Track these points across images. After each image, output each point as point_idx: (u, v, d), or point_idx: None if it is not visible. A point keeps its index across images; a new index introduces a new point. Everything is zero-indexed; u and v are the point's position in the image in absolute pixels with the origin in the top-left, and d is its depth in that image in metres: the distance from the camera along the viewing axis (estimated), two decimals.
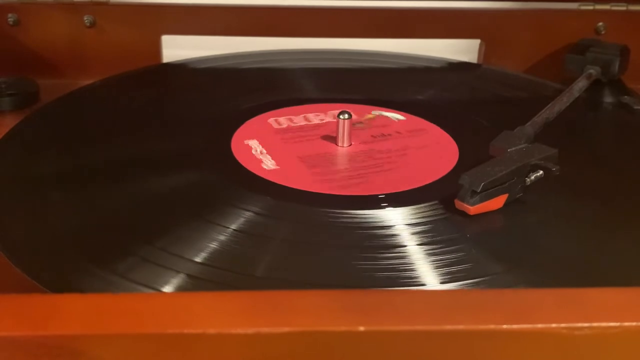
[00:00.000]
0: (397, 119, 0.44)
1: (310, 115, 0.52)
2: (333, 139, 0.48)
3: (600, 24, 0.63)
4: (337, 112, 0.48)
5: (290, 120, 0.51)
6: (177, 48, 0.63)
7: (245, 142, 0.48)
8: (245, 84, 0.58)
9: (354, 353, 0.27)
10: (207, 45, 0.64)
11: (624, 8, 0.63)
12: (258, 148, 0.47)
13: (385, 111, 0.48)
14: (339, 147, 0.47)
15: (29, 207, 0.41)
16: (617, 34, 0.62)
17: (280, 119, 0.51)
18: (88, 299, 0.29)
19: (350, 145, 0.48)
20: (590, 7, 0.63)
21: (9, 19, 0.61)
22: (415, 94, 0.57)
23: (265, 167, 0.44)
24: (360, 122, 0.46)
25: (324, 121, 0.51)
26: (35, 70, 0.60)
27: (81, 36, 0.61)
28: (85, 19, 0.61)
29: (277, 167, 0.45)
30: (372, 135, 0.49)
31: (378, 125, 0.51)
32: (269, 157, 0.46)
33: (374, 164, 0.45)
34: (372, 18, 0.64)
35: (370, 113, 0.46)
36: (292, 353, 0.27)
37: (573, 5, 0.64)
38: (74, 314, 0.27)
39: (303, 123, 0.51)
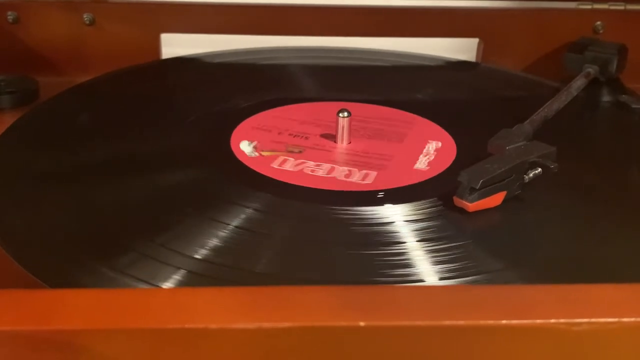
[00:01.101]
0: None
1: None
2: (332, 137, 0.48)
3: (599, 23, 0.63)
4: (336, 110, 0.48)
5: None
6: (176, 46, 0.63)
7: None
8: (245, 81, 0.58)
9: (355, 348, 0.27)
10: (207, 43, 0.64)
11: (622, 7, 0.63)
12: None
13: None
14: (338, 145, 0.48)
15: (30, 203, 0.41)
16: (615, 33, 0.62)
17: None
18: (90, 294, 0.29)
19: (350, 143, 0.48)
20: (589, 7, 0.64)
21: (9, 17, 0.61)
22: (414, 92, 0.57)
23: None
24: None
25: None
26: (35, 68, 0.60)
27: (81, 34, 0.61)
28: (84, 17, 0.61)
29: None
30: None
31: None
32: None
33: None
34: (370, 16, 0.64)
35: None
36: (293, 348, 0.27)
37: (571, 5, 0.64)
38: (76, 309, 0.28)
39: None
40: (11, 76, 0.58)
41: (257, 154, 0.45)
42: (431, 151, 0.47)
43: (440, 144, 0.48)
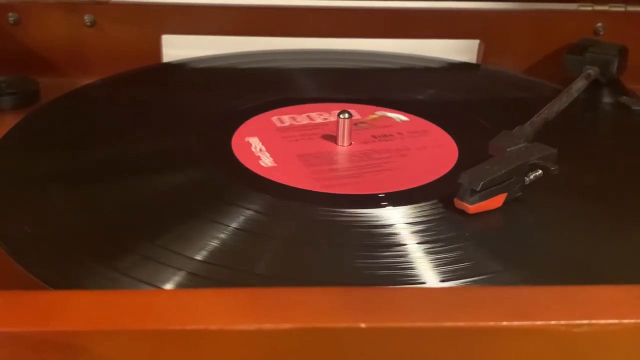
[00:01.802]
0: (400, 119, 0.44)
1: (311, 115, 0.52)
2: (333, 138, 0.48)
3: (599, 24, 0.63)
4: (337, 111, 0.48)
5: (291, 119, 0.51)
6: (177, 48, 0.63)
7: (246, 139, 0.48)
8: (245, 83, 0.58)
9: (355, 349, 0.27)
10: (208, 45, 0.64)
11: (622, 9, 0.63)
12: (258, 146, 0.47)
13: (389, 112, 0.48)
14: (339, 147, 0.48)
15: (31, 205, 0.41)
16: (616, 35, 0.62)
17: (281, 118, 0.51)
18: (91, 295, 0.29)
19: (351, 144, 0.48)
20: (589, 8, 0.64)
21: (10, 18, 0.61)
22: (414, 93, 0.57)
23: (262, 164, 0.45)
24: (364, 122, 0.46)
25: (324, 121, 0.51)
26: (35, 70, 0.60)
27: (81, 35, 0.62)
28: (85, 18, 0.61)
29: (275, 165, 0.45)
30: (372, 135, 0.49)
31: (380, 125, 0.51)
32: (267, 154, 0.46)
33: (374, 163, 0.46)
34: (372, 18, 0.64)
35: (374, 113, 0.46)
36: (294, 349, 0.27)
37: (572, 6, 0.64)
38: (77, 310, 0.28)
39: (304, 122, 0.51)
40: (12, 77, 0.58)
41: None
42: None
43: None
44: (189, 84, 0.59)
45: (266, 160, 0.45)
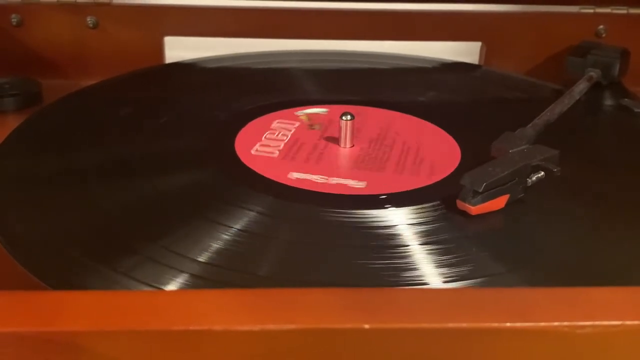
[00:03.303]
0: (322, 112, 0.44)
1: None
2: (336, 140, 0.48)
3: (601, 27, 0.64)
4: (339, 112, 0.48)
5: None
6: (179, 49, 0.63)
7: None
8: (248, 85, 0.58)
9: (359, 350, 0.27)
10: (210, 47, 0.64)
11: (624, 11, 0.64)
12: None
13: (310, 108, 0.47)
14: (342, 148, 0.48)
15: (33, 206, 0.41)
16: (618, 37, 0.63)
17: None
18: (94, 296, 0.29)
19: (353, 146, 0.48)
20: (591, 10, 0.64)
21: (12, 20, 0.61)
22: (417, 95, 0.57)
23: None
24: (313, 125, 0.46)
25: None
26: (38, 71, 0.60)
27: (84, 37, 0.62)
28: (88, 19, 0.61)
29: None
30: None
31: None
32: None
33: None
34: (374, 20, 0.64)
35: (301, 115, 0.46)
36: (297, 350, 0.27)
37: (574, 9, 0.64)
38: (79, 310, 0.28)
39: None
40: (14, 79, 0.58)
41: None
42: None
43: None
44: (192, 85, 0.59)
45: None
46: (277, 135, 0.49)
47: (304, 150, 0.47)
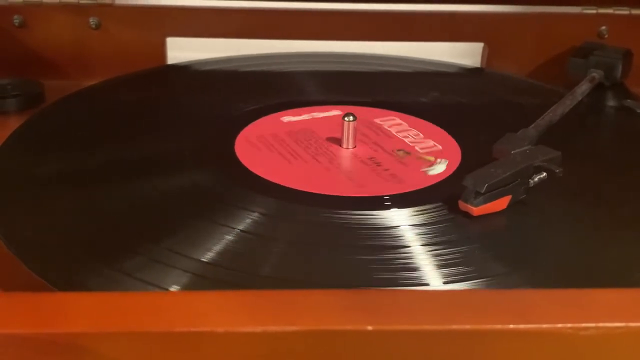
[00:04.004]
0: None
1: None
2: (338, 141, 0.48)
3: (603, 27, 0.63)
4: (341, 114, 0.48)
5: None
6: (181, 50, 0.63)
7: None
8: (249, 86, 0.58)
9: (361, 352, 0.27)
10: (212, 48, 0.64)
11: (626, 12, 0.63)
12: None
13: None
14: (344, 149, 0.48)
15: (37, 206, 0.41)
16: (620, 38, 0.62)
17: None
18: (96, 297, 0.29)
19: (355, 147, 0.48)
20: (593, 11, 0.64)
21: (15, 21, 0.61)
22: (418, 96, 0.57)
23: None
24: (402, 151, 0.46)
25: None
26: (40, 72, 0.60)
27: (86, 38, 0.62)
28: (90, 20, 0.61)
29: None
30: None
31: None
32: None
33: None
34: (375, 21, 0.64)
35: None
36: (299, 352, 0.27)
37: (576, 9, 0.64)
38: (82, 312, 0.28)
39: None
40: (16, 79, 0.58)
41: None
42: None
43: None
44: (193, 86, 0.59)
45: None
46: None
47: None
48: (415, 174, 0.45)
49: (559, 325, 0.27)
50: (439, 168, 0.44)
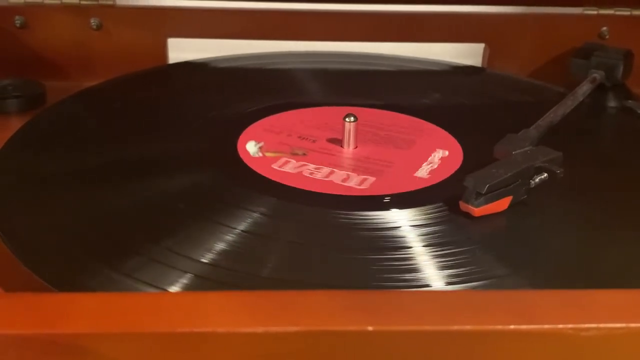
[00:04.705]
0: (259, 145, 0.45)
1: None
2: (339, 142, 0.48)
3: (604, 28, 0.63)
4: (343, 114, 0.48)
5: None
6: (183, 51, 0.63)
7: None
8: (251, 86, 0.58)
9: (361, 353, 0.27)
10: (213, 48, 0.64)
11: (627, 13, 0.63)
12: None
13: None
14: (345, 150, 0.48)
15: (37, 207, 0.41)
16: (621, 39, 0.62)
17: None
18: (97, 297, 0.29)
19: (356, 147, 0.48)
20: (594, 12, 0.64)
21: (16, 22, 0.61)
22: (420, 97, 0.57)
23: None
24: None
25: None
26: (41, 73, 0.60)
27: (88, 38, 0.62)
28: (91, 21, 0.61)
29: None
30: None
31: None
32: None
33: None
34: (377, 22, 0.64)
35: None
36: (300, 352, 0.27)
37: (577, 10, 0.64)
38: (83, 312, 0.28)
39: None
40: (18, 80, 0.58)
41: (261, 154, 0.45)
42: (436, 159, 0.47)
43: (446, 152, 0.48)
44: (195, 86, 0.59)
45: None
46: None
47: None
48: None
49: (560, 325, 0.27)
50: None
